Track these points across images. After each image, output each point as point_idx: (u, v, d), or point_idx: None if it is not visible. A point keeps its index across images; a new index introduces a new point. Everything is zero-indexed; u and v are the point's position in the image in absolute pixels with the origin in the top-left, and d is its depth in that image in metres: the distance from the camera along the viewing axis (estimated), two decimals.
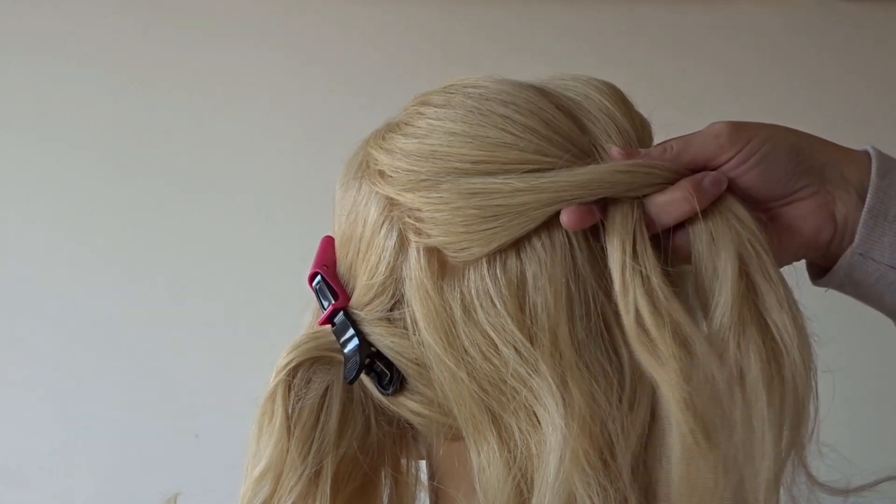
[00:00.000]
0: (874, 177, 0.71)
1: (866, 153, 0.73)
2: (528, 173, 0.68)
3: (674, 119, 1.68)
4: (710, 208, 0.68)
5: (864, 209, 0.70)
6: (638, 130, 0.72)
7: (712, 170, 0.70)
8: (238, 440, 0.80)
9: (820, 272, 0.74)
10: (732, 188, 0.69)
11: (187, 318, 1.62)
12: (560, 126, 0.70)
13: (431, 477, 0.77)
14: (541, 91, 0.73)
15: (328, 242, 0.78)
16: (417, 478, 0.80)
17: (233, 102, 1.65)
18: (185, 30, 1.66)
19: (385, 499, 0.78)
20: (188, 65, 1.66)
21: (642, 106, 0.77)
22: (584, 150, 0.70)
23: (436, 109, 0.72)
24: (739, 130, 0.70)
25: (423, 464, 0.78)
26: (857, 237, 0.70)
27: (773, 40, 1.68)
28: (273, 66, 1.66)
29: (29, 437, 1.61)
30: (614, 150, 0.69)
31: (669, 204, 0.68)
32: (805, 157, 0.71)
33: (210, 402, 1.59)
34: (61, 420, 1.61)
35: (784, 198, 0.71)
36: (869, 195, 0.70)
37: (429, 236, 0.69)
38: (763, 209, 0.72)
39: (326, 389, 0.74)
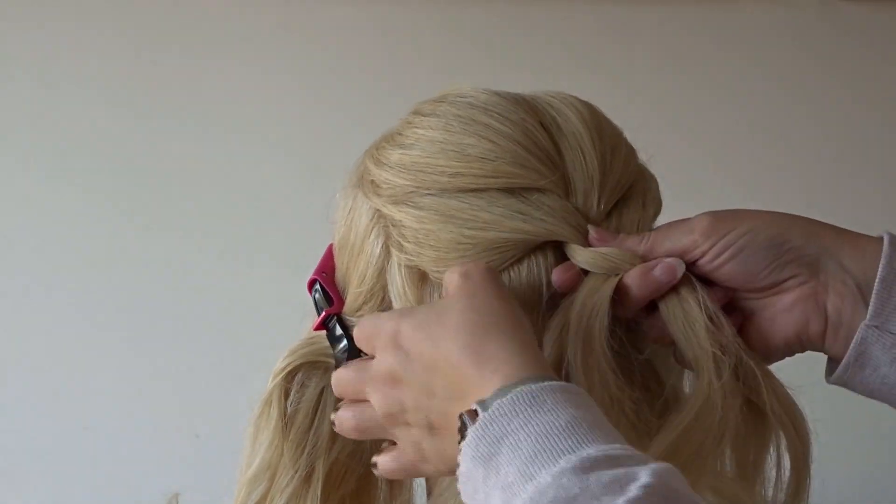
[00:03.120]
0: (887, 248, 0.69)
1: (881, 238, 0.71)
2: (505, 190, 0.70)
3: (674, 119, 1.68)
4: (669, 295, 0.70)
5: (877, 279, 0.68)
6: (604, 163, 0.73)
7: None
8: (238, 440, 0.80)
9: (834, 367, 0.72)
10: (708, 279, 0.71)
11: (188, 317, 1.62)
12: (540, 141, 0.72)
13: (427, 479, 0.78)
14: (526, 104, 0.74)
15: (330, 250, 0.80)
16: (412, 478, 0.80)
17: (230, 106, 1.65)
18: (185, 28, 1.66)
19: (381, 501, 0.79)
20: (188, 63, 1.66)
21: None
22: (559, 171, 0.71)
23: (423, 118, 0.74)
24: (717, 224, 0.71)
25: None
26: (869, 309, 0.68)
27: (773, 40, 1.68)
28: (273, 64, 1.66)
29: (29, 437, 1.61)
30: (592, 235, 0.70)
31: (628, 288, 0.70)
32: (789, 249, 0.70)
33: (210, 402, 1.59)
34: (61, 420, 1.61)
35: (769, 289, 0.71)
36: (881, 266, 0.68)
37: (408, 252, 0.71)
38: (745, 299, 0.72)
39: (321, 393, 0.76)
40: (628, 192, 0.74)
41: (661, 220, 0.78)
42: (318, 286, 0.77)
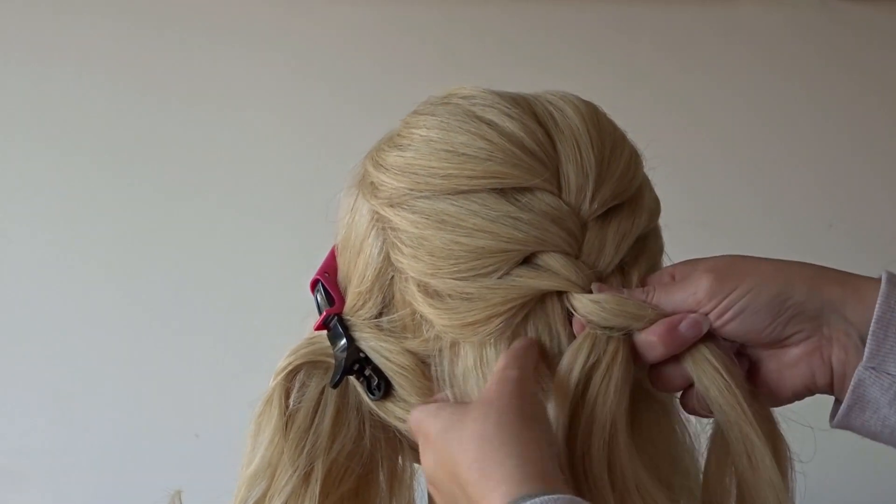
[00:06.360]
0: (884, 287, 0.68)
1: (879, 278, 0.70)
2: (496, 191, 0.70)
3: (673, 119, 1.68)
4: (691, 350, 0.70)
5: (873, 320, 0.68)
6: (602, 159, 0.72)
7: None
8: (238, 440, 0.80)
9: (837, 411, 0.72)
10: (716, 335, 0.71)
11: (187, 318, 1.62)
12: (535, 136, 0.71)
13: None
14: (524, 101, 0.74)
15: (333, 251, 0.80)
16: (412, 478, 0.81)
17: (232, 106, 1.65)
18: (184, 33, 1.66)
19: (380, 501, 0.79)
20: (187, 68, 1.66)
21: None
22: (552, 166, 0.71)
23: (420, 118, 0.74)
24: (719, 285, 0.70)
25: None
26: (865, 351, 0.68)
27: (773, 40, 1.68)
28: (272, 68, 1.66)
29: (29, 437, 1.61)
30: (595, 289, 0.70)
31: (648, 345, 0.70)
32: (792, 305, 0.69)
33: (210, 402, 1.59)
34: (61, 420, 1.61)
35: (774, 344, 0.71)
36: (877, 306, 0.68)
37: (405, 256, 0.71)
38: (751, 349, 0.72)
39: (322, 393, 0.76)
40: (628, 199, 0.73)
41: (666, 217, 0.78)
42: (320, 286, 0.78)
